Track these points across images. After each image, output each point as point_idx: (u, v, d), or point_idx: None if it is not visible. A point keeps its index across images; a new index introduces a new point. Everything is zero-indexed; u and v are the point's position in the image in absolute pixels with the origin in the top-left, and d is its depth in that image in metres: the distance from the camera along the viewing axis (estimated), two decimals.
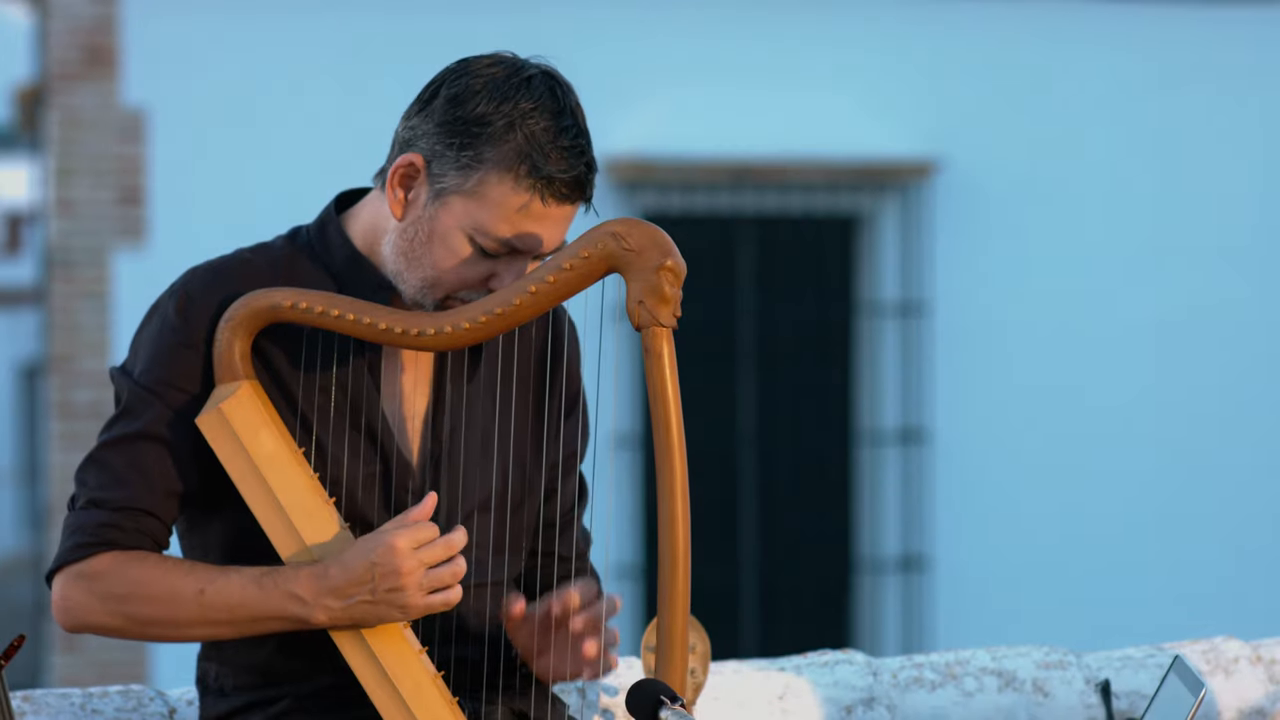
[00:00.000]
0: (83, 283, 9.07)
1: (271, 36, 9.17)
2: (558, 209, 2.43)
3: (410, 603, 2.39)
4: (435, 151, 2.44)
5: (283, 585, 2.41)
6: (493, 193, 2.42)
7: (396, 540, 2.38)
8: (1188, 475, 9.93)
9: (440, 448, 2.54)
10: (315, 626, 2.42)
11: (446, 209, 2.44)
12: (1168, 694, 2.41)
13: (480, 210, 2.42)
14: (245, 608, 2.42)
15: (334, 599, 2.40)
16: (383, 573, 2.38)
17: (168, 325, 2.50)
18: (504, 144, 2.41)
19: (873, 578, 9.81)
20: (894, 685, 3.17)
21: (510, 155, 2.40)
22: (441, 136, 2.43)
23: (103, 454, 2.49)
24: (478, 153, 2.41)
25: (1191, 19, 9.95)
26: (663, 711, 2.21)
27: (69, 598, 2.47)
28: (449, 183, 2.43)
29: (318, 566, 2.41)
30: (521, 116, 2.41)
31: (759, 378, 9.76)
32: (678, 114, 9.51)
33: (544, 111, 2.41)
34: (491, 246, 2.43)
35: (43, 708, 2.73)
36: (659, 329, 2.36)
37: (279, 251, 2.56)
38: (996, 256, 9.80)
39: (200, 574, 2.44)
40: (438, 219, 2.45)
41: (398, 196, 2.47)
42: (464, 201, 2.43)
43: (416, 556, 2.38)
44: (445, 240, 2.44)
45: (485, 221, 2.42)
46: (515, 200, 2.41)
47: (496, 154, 2.41)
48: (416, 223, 2.46)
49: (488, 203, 2.42)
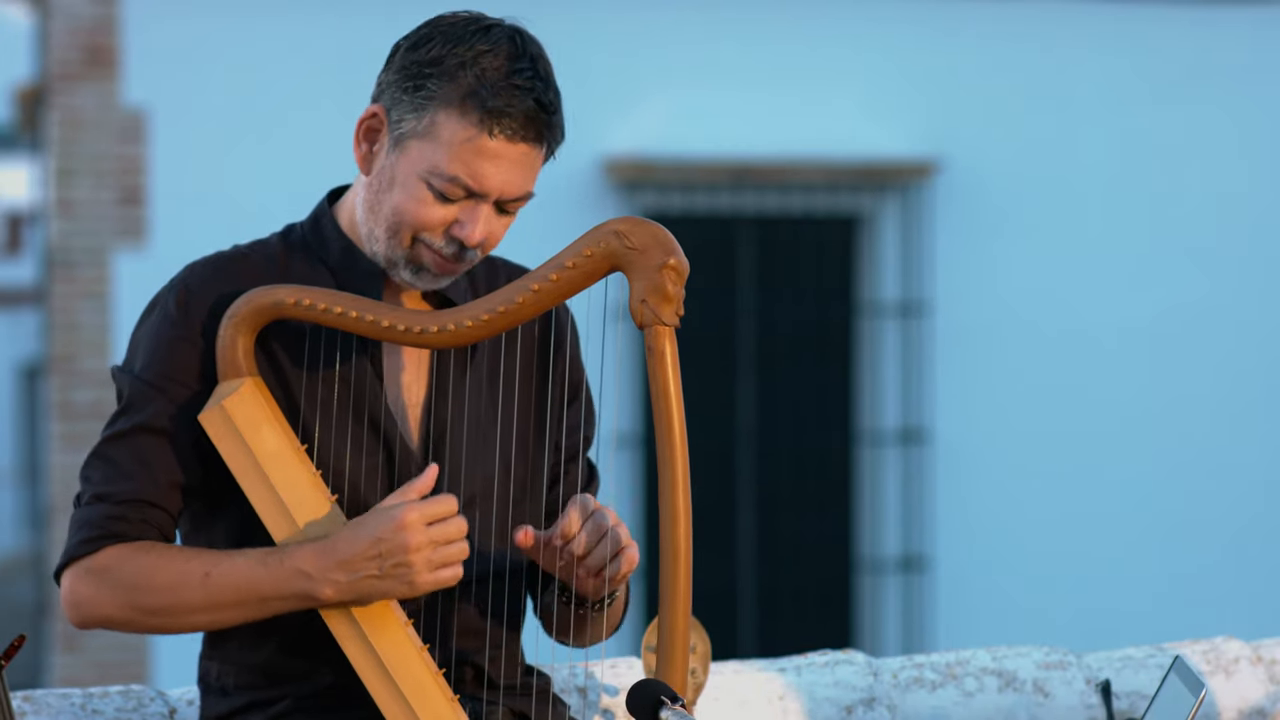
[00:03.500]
0: (83, 283, 9.07)
1: (271, 37, 9.17)
2: (508, 146, 2.42)
3: (417, 578, 2.39)
4: (394, 99, 2.46)
5: (288, 562, 2.40)
6: (443, 131, 2.42)
7: (406, 515, 2.37)
8: (1188, 475, 9.93)
9: (440, 432, 2.54)
10: (322, 603, 2.41)
11: (405, 154, 2.45)
12: (1168, 694, 2.41)
13: (433, 150, 2.43)
14: (251, 587, 2.41)
15: (341, 573, 2.39)
16: (390, 547, 2.37)
17: (167, 320, 2.51)
18: (454, 80, 2.41)
19: (873, 578, 9.81)
20: (894, 685, 3.17)
21: (459, 90, 2.41)
22: (399, 83, 2.45)
23: (106, 449, 2.49)
24: (429, 92, 2.42)
25: (1190, 20, 9.95)
26: (663, 711, 2.21)
27: (78, 592, 2.47)
28: (406, 127, 2.44)
29: (323, 542, 2.40)
30: (475, 57, 2.42)
31: (759, 378, 9.76)
32: (678, 114, 9.51)
33: (499, 54, 2.42)
34: (446, 188, 2.43)
35: (43, 708, 2.73)
36: (661, 328, 2.36)
37: (274, 247, 2.57)
38: (996, 256, 9.80)
39: (206, 558, 2.44)
40: (397, 165, 2.46)
41: (363, 150, 2.49)
42: (418, 144, 2.44)
43: (426, 533, 2.38)
44: (404, 186, 2.45)
45: (438, 160, 2.43)
46: (463, 134, 2.41)
47: (445, 90, 2.42)
48: (380, 174, 2.48)
49: (439, 141, 2.42)
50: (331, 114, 9.10)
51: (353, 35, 9.19)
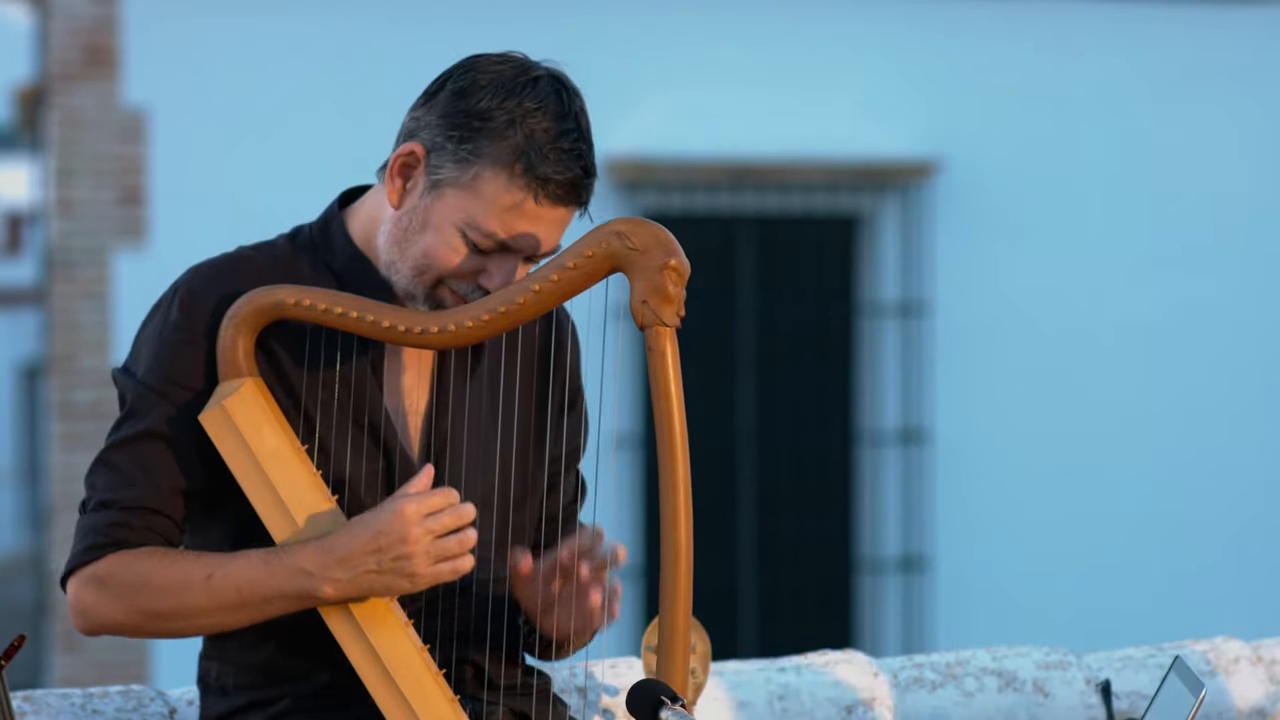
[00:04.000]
0: (83, 283, 9.07)
1: (271, 37, 9.17)
2: (551, 210, 2.43)
3: (417, 571, 2.38)
4: (435, 143, 2.44)
5: (288, 560, 2.41)
6: (487, 188, 2.42)
7: (405, 507, 2.37)
8: (1187, 475, 9.93)
9: (441, 442, 2.54)
10: (323, 601, 2.41)
11: (441, 200, 2.44)
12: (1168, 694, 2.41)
13: (474, 204, 2.42)
14: (253, 587, 2.41)
15: (340, 569, 2.39)
16: (389, 541, 2.37)
17: (170, 323, 2.50)
18: (503, 140, 2.41)
19: (873, 578, 9.81)
20: (894, 685, 3.17)
21: (507, 152, 2.41)
22: (443, 128, 2.44)
23: (110, 455, 2.49)
24: (476, 146, 2.41)
25: (1190, 20, 9.95)
26: (663, 712, 2.21)
27: (83, 600, 2.47)
28: (446, 174, 2.43)
29: (323, 540, 2.40)
30: (523, 115, 2.41)
31: (759, 377, 9.76)
32: (678, 114, 9.51)
33: (546, 113, 2.41)
34: (483, 242, 2.43)
35: (43, 708, 2.73)
36: (662, 328, 2.37)
37: (281, 250, 2.56)
38: (996, 256, 9.80)
39: (207, 560, 2.44)
40: (432, 209, 2.45)
41: (396, 185, 2.47)
42: (459, 195, 2.43)
43: (424, 525, 2.37)
44: (438, 231, 2.45)
45: (478, 216, 2.42)
46: (509, 198, 2.41)
47: (494, 149, 2.41)
48: (411, 212, 2.47)
49: (482, 198, 2.42)
50: (331, 114, 9.12)
51: (353, 35, 9.19)
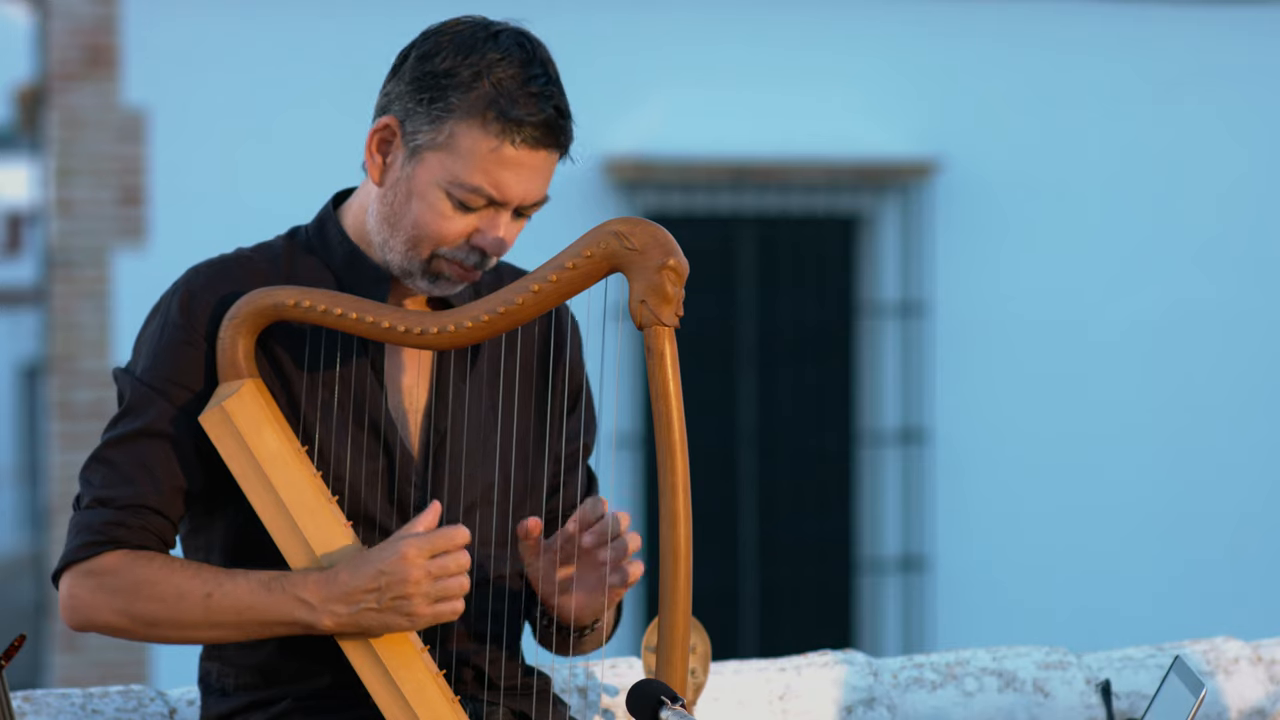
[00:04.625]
0: (83, 283, 9.07)
1: (271, 37, 9.17)
2: (530, 154, 2.44)
3: (417, 611, 2.40)
4: (408, 109, 2.46)
5: (290, 590, 2.41)
6: (463, 141, 2.43)
7: (406, 550, 2.38)
8: (1187, 475, 9.93)
9: (440, 439, 2.54)
10: (321, 632, 2.43)
11: (423, 165, 2.46)
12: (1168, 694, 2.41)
13: (453, 161, 2.44)
14: (253, 611, 2.42)
15: (341, 605, 2.40)
16: (390, 581, 2.38)
17: (170, 323, 2.51)
18: (471, 92, 2.43)
19: (873, 578, 9.80)
20: (894, 685, 3.17)
21: (478, 102, 2.43)
22: (412, 95, 2.46)
23: (107, 453, 2.49)
24: (446, 104, 2.43)
25: (1190, 20, 9.95)
26: (663, 712, 2.21)
27: (76, 596, 2.47)
28: (422, 139, 2.45)
29: (327, 572, 2.41)
30: (488, 66, 2.43)
31: (759, 378, 9.76)
32: (678, 114, 9.51)
33: (511, 61, 2.44)
34: (468, 198, 2.45)
35: (43, 708, 2.73)
36: (661, 328, 2.37)
37: (279, 250, 2.57)
38: (996, 256, 9.80)
39: (208, 576, 2.44)
40: (415, 177, 2.46)
41: (376, 161, 2.49)
42: (437, 155, 2.45)
43: (425, 567, 2.38)
44: (424, 197, 2.46)
45: (459, 171, 2.44)
46: (485, 145, 2.43)
47: (464, 102, 2.43)
48: (395, 185, 2.48)
49: (460, 152, 2.44)
50: (331, 114, 9.12)
51: (353, 35, 9.19)
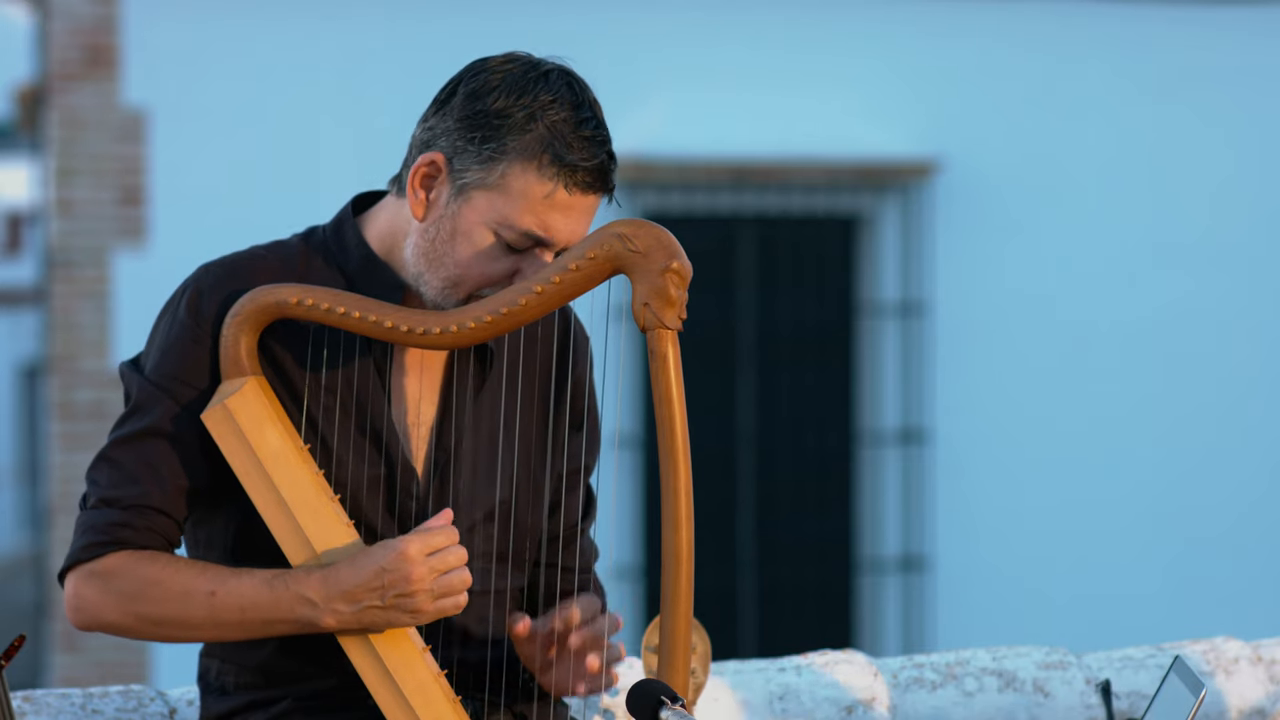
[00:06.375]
0: (83, 283, 9.06)
1: (272, 37, 9.17)
2: (581, 199, 2.43)
3: (420, 608, 2.40)
4: (456, 148, 2.44)
5: (293, 587, 2.41)
6: (516, 183, 2.42)
7: (408, 547, 2.38)
8: (1187, 475, 9.93)
9: (446, 456, 2.54)
10: (324, 630, 2.43)
11: (469, 204, 2.44)
12: (1168, 694, 2.41)
13: (504, 202, 2.43)
14: (256, 609, 2.42)
15: (344, 603, 2.40)
16: (393, 579, 2.39)
17: (178, 321, 2.50)
18: (526, 134, 2.41)
19: (873, 578, 9.80)
20: (894, 685, 3.17)
21: (533, 145, 2.41)
22: (462, 132, 2.44)
23: (114, 452, 2.49)
24: (500, 144, 2.42)
25: (1190, 20, 9.94)
26: (663, 712, 2.21)
27: (81, 596, 2.47)
28: (471, 177, 2.43)
29: (328, 570, 2.41)
30: (541, 108, 2.41)
31: (759, 378, 9.76)
32: (678, 114, 9.51)
33: (563, 103, 2.42)
34: (516, 239, 2.44)
35: (43, 708, 2.73)
36: (664, 331, 2.36)
37: (294, 249, 2.56)
38: (996, 256, 9.80)
39: (212, 575, 2.44)
40: (460, 215, 2.45)
41: (419, 197, 2.47)
42: (487, 195, 2.43)
43: (428, 563, 2.38)
44: (469, 236, 2.45)
45: (509, 213, 2.43)
46: (539, 190, 2.42)
47: (519, 144, 2.41)
48: (438, 221, 2.46)
49: (511, 194, 2.42)
50: (331, 114, 9.12)
51: (353, 36, 9.19)
